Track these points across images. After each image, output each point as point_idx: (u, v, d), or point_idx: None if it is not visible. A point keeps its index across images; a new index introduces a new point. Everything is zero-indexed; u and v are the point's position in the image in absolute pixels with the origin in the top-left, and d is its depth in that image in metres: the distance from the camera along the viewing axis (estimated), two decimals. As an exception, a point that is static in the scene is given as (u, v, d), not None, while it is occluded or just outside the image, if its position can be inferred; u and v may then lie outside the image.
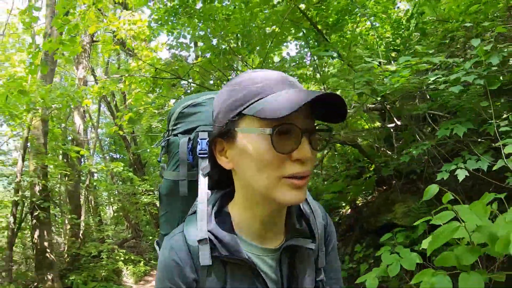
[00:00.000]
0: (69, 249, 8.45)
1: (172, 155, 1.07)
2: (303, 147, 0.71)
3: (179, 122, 1.08)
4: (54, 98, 5.35)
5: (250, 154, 0.73)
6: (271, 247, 0.84)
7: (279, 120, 0.68)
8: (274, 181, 0.72)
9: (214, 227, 0.79)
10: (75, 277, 7.63)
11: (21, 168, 6.70)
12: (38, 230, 7.05)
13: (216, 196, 0.88)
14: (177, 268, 0.77)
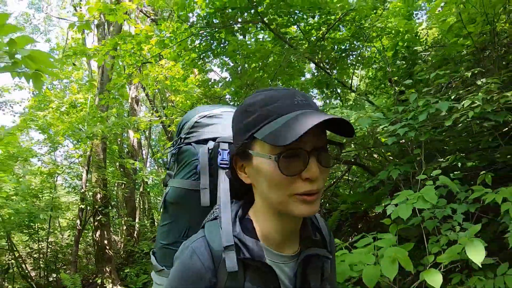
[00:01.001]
0: (125, 246, 9.86)
1: (184, 164, 1.06)
2: (311, 167, 0.74)
3: (194, 131, 1.09)
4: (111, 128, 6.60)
5: (263, 175, 0.77)
6: (287, 254, 0.86)
7: (285, 147, 0.71)
8: (286, 198, 0.76)
9: (239, 233, 0.81)
10: (129, 270, 8.96)
11: (86, 180, 8.12)
12: (99, 230, 8.46)
13: (238, 204, 0.89)
14: (199, 272, 0.77)
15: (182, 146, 1.08)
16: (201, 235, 0.83)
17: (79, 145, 7.18)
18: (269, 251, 0.83)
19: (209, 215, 0.89)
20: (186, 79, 6.05)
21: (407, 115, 3.15)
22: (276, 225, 0.83)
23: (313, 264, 0.88)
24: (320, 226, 0.95)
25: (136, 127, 8.68)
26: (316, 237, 0.90)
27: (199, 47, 5.25)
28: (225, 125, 1.07)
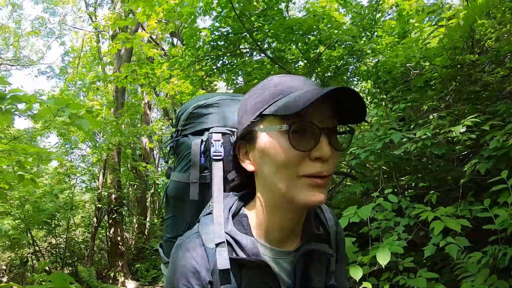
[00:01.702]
0: (136, 243, 10.60)
1: (181, 156, 1.04)
2: (322, 146, 0.70)
3: (190, 123, 1.05)
4: (126, 137, 7.32)
5: (270, 153, 0.73)
6: (287, 249, 0.82)
7: (296, 117, 0.69)
8: (294, 180, 0.71)
9: (231, 229, 0.78)
10: (139, 265, 9.70)
11: (102, 182, 8.85)
12: (113, 228, 9.21)
13: (233, 198, 0.86)
14: (193, 270, 0.75)
15: (179, 139, 1.06)
16: (195, 231, 0.81)
17: (97, 150, 7.89)
18: (266, 247, 0.80)
19: (205, 209, 0.87)
20: (194, 94, 6.70)
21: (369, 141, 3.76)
22: (278, 220, 0.79)
23: (316, 260, 0.84)
24: (327, 219, 0.91)
25: (150, 134, 9.39)
26: (319, 232, 0.87)
27: (205, 68, 5.89)
28: (221, 113, 1.04)
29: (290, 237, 0.83)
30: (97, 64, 14.62)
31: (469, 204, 2.77)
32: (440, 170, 3.41)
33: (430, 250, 2.39)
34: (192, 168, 0.97)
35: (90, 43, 14.23)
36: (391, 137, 3.08)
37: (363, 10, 6.81)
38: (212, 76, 6.31)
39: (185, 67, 5.46)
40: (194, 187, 0.96)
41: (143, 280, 9.15)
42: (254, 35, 5.78)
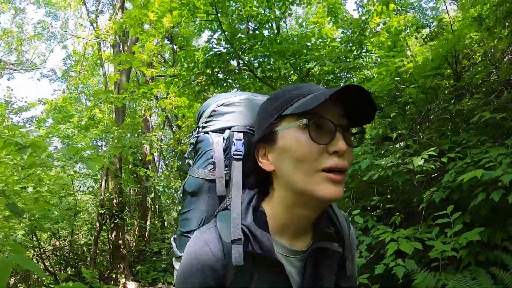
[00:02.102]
0: (137, 246, 11.01)
1: (201, 153, 1.05)
2: (338, 140, 0.75)
3: (211, 120, 1.07)
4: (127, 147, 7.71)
5: (290, 149, 0.78)
6: (299, 248, 0.85)
7: (314, 114, 0.76)
8: (313, 174, 0.76)
9: (250, 223, 0.81)
10: (140, 267, 10.11)
11: (104, 188, 9.24)
12: (115, 232, 9.62)
13: (251, 194, 0.88)
14: (209, 262, 0.78)
15: (200, 135, 1.07)
16: (213, 225, 0.84)
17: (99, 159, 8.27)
18: (280, 244, 0.83)
19: (222, 204, 0.90)
20: (191, 107, 7.07)
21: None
22: (293, 217, 0.82)
23: (327, 260, 0.87)
24: (339, 219, 0.93)
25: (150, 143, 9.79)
26: (330, 230, 0.89)
27: (200, 84, 6.25)
28: (243, 112, 1.05)
29: (302, 236, 0.87)
30: (99, 68, 15.00)
31: (427, 227, 3.12)
32: (407, 193, 3.77)
33: (381, 268, 2.75)
34: (217, 165, 0.98)
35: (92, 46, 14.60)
36: (359, 164, 3.42)
37: (351, 28, 7.14)
38: (207, 91, 6.66)
39: (181, 86, 5.82)
40: (221, 182, 0.96)
41: (144, 282, 9.56)
42: (246, 53, 6.14)
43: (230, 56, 5.97)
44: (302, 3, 7.23)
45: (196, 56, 5.58)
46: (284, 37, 6.94)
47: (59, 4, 19.14)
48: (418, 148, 3.72)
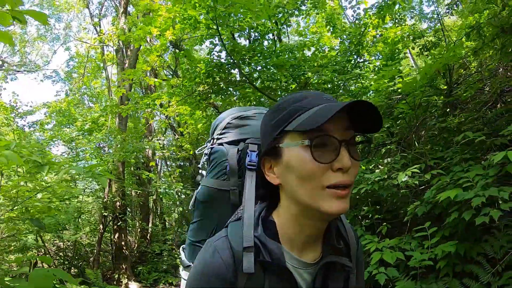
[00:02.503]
0: (139, 247, 11.26)
1: (215, 163, 1.07)
2: (343, 157, 0.74)
3: (226, 132, 1.10)
4: (130, 153, 7.97)
5: (294, 167, 0.77)
6: (308, 260, 0.85)
7: (317, 132, 0.74)
8: (318, 191, 0.75)
9: (261, 234, 0.81)
10: (142, 268, 10.37)
11: (108, 191, 9.49)
12: (117, 233, 9.87)
13: (262, 206, 0.89)
14: (220, 270, 0.78)
15: (214, 146, 1.09)
16: (224, 235, 0.84)
17: (103, 164, 8.55)
18: (290, 255, 0.83)
19: (234, 215, 0.90)
20: (192, 114, 7.31)
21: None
22: (301, 228, 0.83)
23: (335, 273, 0.87)
24: (348, 234, 0.93)
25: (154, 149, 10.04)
26: (340, 245, 0.89)
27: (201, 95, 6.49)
28: (257, 126, 1.04)
29: (311, 247, 0.86)
30: (102, 70, 15.20)
31: (411, 238, 3.36)
32: (395, 204, 4.00)
33: (365, 276, 2.97)
34: (231, 176, 1.01)
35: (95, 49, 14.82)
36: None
37: (349, 39, 7.36)
38: (208, 99, 6.91)
39: (184, 96, 6.06)
40: (234, 193, 0.99)
41: (145, 282, 9.82)
42: (247, 63, 6.37)
43: (231, 66, 6.21)
44: (301, 14, 7.46)
45: (198, 68, 5.81)
46: (284, 47, 7.18)
47: (63, 6, 19.36)
48: (408, 161, 3.95)
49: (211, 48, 5.81)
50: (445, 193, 2.64)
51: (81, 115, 11.47)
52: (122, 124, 10.08)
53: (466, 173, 2.95)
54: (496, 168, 2.63)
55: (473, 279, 2.72)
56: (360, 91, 7.13)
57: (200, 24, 5.60)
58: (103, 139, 9.85)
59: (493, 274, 2.60)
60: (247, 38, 7.09)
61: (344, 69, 7.06)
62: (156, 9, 5.40)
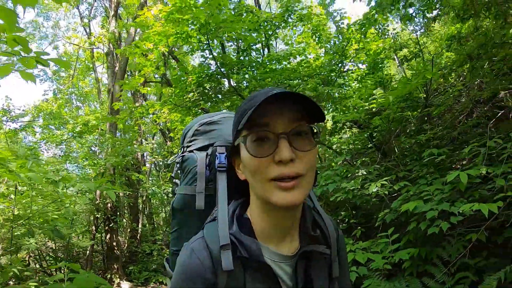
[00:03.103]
0: (129, 247, 11.55)
1: (187, 171, 1.09)
2: (281, 149, 0.75)
3: (195, 139, 1.14)
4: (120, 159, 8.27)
5: (244, 162, 0.83)
6: (287, 254, 0.86)
7: (257, 127, 0.78)
8: (266, 184, 0.78)
9: (236, 231, 0.82)
10: (133, 267, 10.69)
11: (100, 193, 9.76)
12: (109, 234, 10.15)
13: (236, 204, 0.91)
14: (198, 271, 0.79)
15: (185, 154, 1.11)
16: (200, 236, 0.85)
17: (95, 167, 8.83)
18: (268, 250, 0.84)
19: (209, 217, 0.91)
20: (183, 120, 7.64)
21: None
22: (270, 220, 0.84)
23: (316, 262, 0.88)
24: (325, 223, 0.94)
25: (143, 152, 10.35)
26: (316, 233, 0.90)
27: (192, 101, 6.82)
28: (223, 130, 1.10)
29: (288, 239, 0.87)
30: (91, 71, 15.33)
31: (382, 241, 3.78)
32: (368, 210, 4.43)
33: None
34: (198, 180, 1.02)
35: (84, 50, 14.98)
36: (327, 187, 4.07)
37: (333, 49, 7.78)
38: (198, 106, 7.24)
39: (175, 103, 6.39)
40: (200, 196, 1.00)
41: (137, 281, 10.13)
42: (235, 73, 6.72)
43: (221, 76, 6.55)
44: (288, 25, 7.83)
45: (189, 78, 6.14)
46: (271, 56, 7.55)
47: (51, 4, 19.34)
48: (383, 171, 4.39)
49: (202, 61, 6.16)
50: (406, 205, 3.06)
51: (72, 117, 11.68)
52: (113, 127, 10.34)
53: (429, 187, 3.39)
54: (451, 185, 3.06)
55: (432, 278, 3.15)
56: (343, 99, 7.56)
57: (192, 38, 5.94)
58: (95, 143, 10.11)
59: (447, 275, 3.04)
60: (236, 50, 7.44)
61: (329, 78, 7.48)
62: (151, 25, 5.72)
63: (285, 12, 7.12)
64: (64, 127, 11.29)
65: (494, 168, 2.97)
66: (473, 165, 3.34)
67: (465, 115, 5.02)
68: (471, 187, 3.19)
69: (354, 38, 6.92)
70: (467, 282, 2.95)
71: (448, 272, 3.05)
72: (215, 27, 5.44)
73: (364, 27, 6.46)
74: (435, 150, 3.78)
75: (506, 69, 4.53)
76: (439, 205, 2.90)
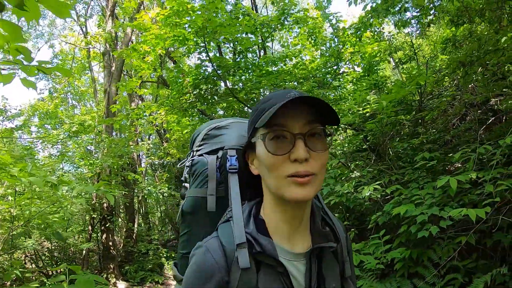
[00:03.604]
0: (125, 247, 11.57)
1: (197, 174, 1.11)
2: (297, 149, 0.80)
3: (204, 143, 1.16)
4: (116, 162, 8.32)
5: (261, 159, 0.87)
6: (299, 251, 0.89)
7: (275, 126, 0.83)
8: (281, 180, 0.82)
9: (252, 230, 0.85)
10: (129, 267, 10.70)
11: (95, 194, 9.78)
12: (105, 234, 10.18)
13: (250, 204, 0.94)
14: (212, 270, 0.81)
15: (195, 158, 1.13)
16: (214, 235, 0.88)
17: (91, 167, 8.87)
18: (282, 249, 0.86)
19: (222, 218, 0.94)
20: (179, 121, 7.70)
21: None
22: (282, 215, 0.87)
23: (329, 261, 0.91)
24: (334, 223, 0.98)
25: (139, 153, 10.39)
26: (325, 229, 0.94)
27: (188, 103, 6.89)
28: (232, 134, 1.13)
29: (300, 237, 0.91)
30: (87, 71, 15.30)
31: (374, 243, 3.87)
32: (362, 212, 4.52)
33: None
34: (209, 182, 1.05)
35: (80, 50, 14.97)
36: (321, 190, 4.14)
37: (328, 52, 7.87)
38: (194, 108, 7.32)
39: (171, 103, 6.46)
40: (212, 198, 1.03)
41: (133, 281, 10.16)
42: (231, 75, 6.80)
43: (217, 78, 6.63)
44: (284, 28, 7.90)
45: (186, 82, 6.21)
46: (267, 59, 7.63)
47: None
48: (376, 174, 4.47)
49: (199, 64, 6.22)
50: (397, 209, 3.15)
51: (68, 116, 11.69)
52: (109, 128, 10.37)
53: (420, 191, 3.48)
54: (442, 190, 3.15)
55: (422, 279, 3.24)
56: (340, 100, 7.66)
57: (189, 41, 6.00)
58: (91, 142, 10.14)
59: (437, 276, 3.13)
60: (232, 51, 7.51)
61: (324, 80, 7.57)
62: (148, 27, 5.77)
63: (281, 15, 7.19)
64: (60, 126, 11.29)
65: (484, 173, 3.06)
66: (464, 170, 3.43)
67: (458, 118, 5.13)
68: (461, 192, 3.28)
69: (349, 42, 7.01)
70: (457, 284, 3.04)
71: (438, 274, 3.14)
72: (212, 30, 5.51)
73: (360, 30, 6.55)
74: (427, 154, 3.87)
75: (499, 74, 4.63)
76: (430, 209, 2.98)
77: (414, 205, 3.25)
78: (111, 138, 9.31)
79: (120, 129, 10.22)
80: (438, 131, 4.97)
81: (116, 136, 11.55)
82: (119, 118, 6.68)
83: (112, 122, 6.73)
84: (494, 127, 4.54)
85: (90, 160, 8.94)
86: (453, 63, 4.51)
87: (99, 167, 8.76)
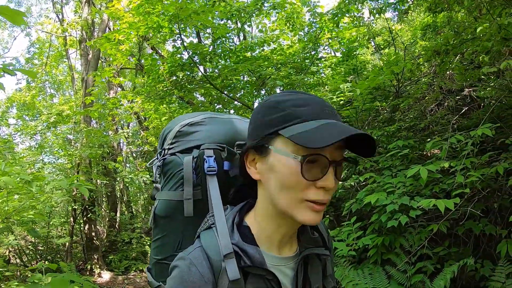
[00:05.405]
0: (108, 236, 11.53)
1: (170, 175, 1.03)
2: (328, 177, 0.75)
3: (177, 141, 1.06)
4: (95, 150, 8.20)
5: (278, 173, 0.77)
6: (287, 255, 0.87)
7: (313, 150, 0.73)
8: (296, 202, 0.77)
9: (238, 240, 0.80)
10: (113, 257, 10.69)
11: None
12: (87, 224, 10.11)
13: (234, 210, 0.87)
14: (198, 283, 0.75)
15: (167, 157, 1.05)
16: (198, 245, 0.81)
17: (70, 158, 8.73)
18: (269, 256, 0.83)
19: (203, 224, 0.87)
20: (157, 110, 7.60)
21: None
22: (278, 227, 0.84)
23: (314, 264, 0.90)
24: (320, 227, 0.96)
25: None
26: (314, 235, 0.92)
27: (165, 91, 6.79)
28: (208, 131, 1.05)
29: (288, 243, 0.88)
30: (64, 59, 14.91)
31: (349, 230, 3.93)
32: (336, 199, 4.59)
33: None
34: (185, 185, 0.97)
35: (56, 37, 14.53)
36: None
37: (306, 37, 7.81)
38: (171, 95, 7.22)
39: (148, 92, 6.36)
40: (189, 203, 0.96)
41: (117, 270, 10.17)
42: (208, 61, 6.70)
43: (193, 65, 6.53)
44: (261, 13, 7.79)
45: (161, 70, 6.10)
46: (244, 44, 7.54)
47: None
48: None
49: (174, 51, 6.09)
50: (368, 197, 3.20)
51: (46, 106, 11.42)
52: (88, 117, 10.18)
53: (393, 179, 3.53)
54: (412, 179, 3.19)
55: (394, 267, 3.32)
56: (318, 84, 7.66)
57: (164, 28, 5.87)
58: (69, 132, 9.94)
59: (408, 263, 3.21)
60: (210, 37, 7.39)
61: (302, 65, 7.52)
62: (121, 16, 5.61)
63: (258, 0, 7.07)
64: (38, 117, 11.03)
65: (456, 162, 3.10)
66: (436, 159, 3.48)
67: (436, 104, 5.18)
68: (433, 181, 3.33)
69: (327, 27, 6.96)
70: (429, 270, 3.12)
71: (409, 261, 3.21)
72: (186, 17, 5.38)
73: (337, 16, 6.50)
74: (400, 142, 3.91)
75: (476, 63, 4.66)
76: (400, 199, 3.03)
77: (386, 194, 3.30)
78: (89, 128, 9.13)
79: (99, 118, 10.03)
80: (414, 117, 5.02)
81: (95, 125, 11.35)
82: (95, 108, 6.54)
83: (88, 113, 6.59)
84: (471, 114, 4.61)
85: (69, 151, 8.78)
86: (428, 52, 4.52)
87: (78, 158, 8.61)
